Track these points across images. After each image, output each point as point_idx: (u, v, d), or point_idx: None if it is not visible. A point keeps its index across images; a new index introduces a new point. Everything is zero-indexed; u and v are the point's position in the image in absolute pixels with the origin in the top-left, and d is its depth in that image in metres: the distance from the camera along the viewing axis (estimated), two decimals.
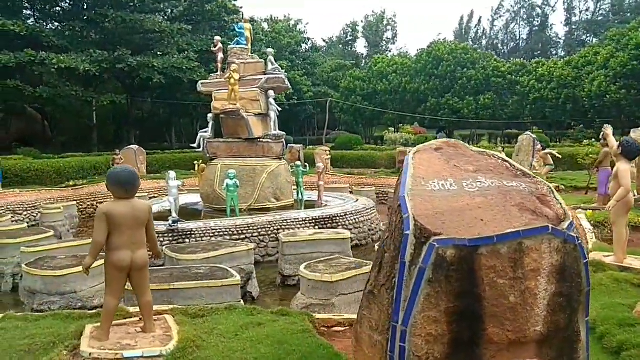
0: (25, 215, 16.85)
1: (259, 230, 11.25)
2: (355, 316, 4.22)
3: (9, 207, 16.65)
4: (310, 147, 32.20)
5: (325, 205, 14.51)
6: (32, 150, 25.26)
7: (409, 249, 1.97)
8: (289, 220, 11.66)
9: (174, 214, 12.55)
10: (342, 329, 3.99)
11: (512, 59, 50.76)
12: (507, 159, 2.57)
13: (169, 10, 35.44)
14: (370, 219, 13.29)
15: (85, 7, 33.11)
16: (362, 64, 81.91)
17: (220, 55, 14.83)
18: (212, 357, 3.21)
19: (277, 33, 57.64)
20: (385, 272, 2.09)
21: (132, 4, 31.88)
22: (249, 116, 13.74)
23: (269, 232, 11.31)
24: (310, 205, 14.93)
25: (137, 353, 3.14)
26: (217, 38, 15.31)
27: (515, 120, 41.51)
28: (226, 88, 14.05)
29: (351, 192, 18.68)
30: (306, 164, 15.56)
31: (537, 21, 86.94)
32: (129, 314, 4.00)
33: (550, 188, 2.32)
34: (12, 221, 13.81)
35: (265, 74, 14.34)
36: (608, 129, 6.20)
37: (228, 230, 10.99)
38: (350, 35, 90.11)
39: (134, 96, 35.66)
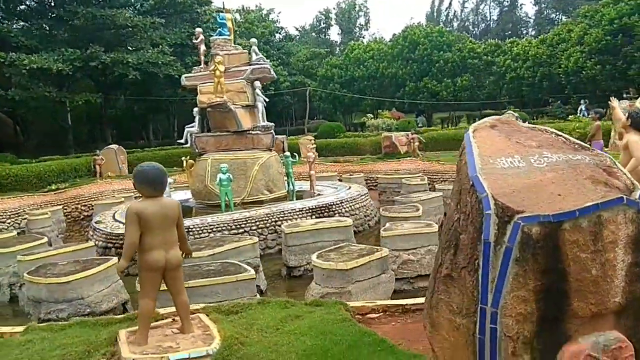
0: (9, 223, 16.37)
1: (257, 223, 11.13)
2: (384, 302, 4.20)
3: None
4: (292, 137, 32.00)
5: (319, 195, 14.45)
6: (8, 155, 24.43)
7: (492, 229, 1.93)
8: (286, 212, 11.57)
9: None
10: (376, 315, 3.96)
11: (483, 40, 51.35)
12: (559, 132, 2.54)
13: (139, 5, 34.52)
14: (365, 205, 13.29)
15: (52, 4, 32.04)
16: (337, 52, 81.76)
17: (203, 47, 14.54)
18: (259, 352, 3.13)
19: (250, 23, 56.93)
20: (464, 254, 2.05)
21: (101, 0, 30.99)
22: (236, 108, 13.54)
23: (267, 225, 11.21)
24: (302, 195, 14.86)
25: (184, 355, 3.05)
26: (198, 30, 14.99)
27: (493, 100, 42.03)
28: (211, 81, 13.79)
29: (340, 180, 18.68)
30: (295, 153, 15.40)
31: (507, 1, 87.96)
32: (160, 315, 3.88)
33: (612, 159, 2.31)
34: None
35: (250, 65, 14.11)
36: (614, 102, 6.28)
37: (226, 225, 10.85)
38: (323, 23, 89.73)
39: (107, 94, 34.78)
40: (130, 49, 30.57)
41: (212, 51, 13.98)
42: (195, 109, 14.43)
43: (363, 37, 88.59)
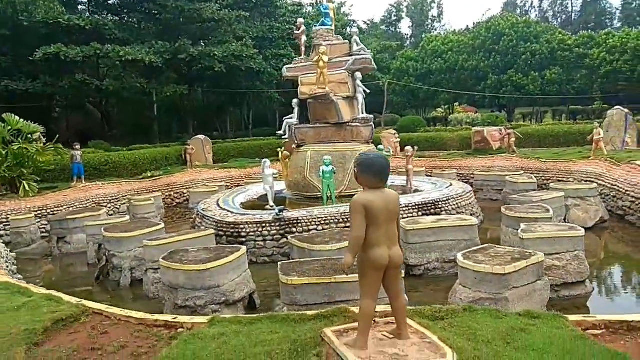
0: (109, 207, 17.07)
1: None
2: (605, 317, 3.65)
3: (93, 199, 16.99)
4: None
5: (417, 191, 13.94)
6: (103, 143, 25.77)
7: None
8: None
9: (271, 202, 12.37)
10: (599, 332, 3.44)
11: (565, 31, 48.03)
12: None
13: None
14: (470, 203, 12.61)
15: None
16: (407, 45, 79.99)
17: (304, 38, 14.39)
18: None
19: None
20: None
21: None
22: (337, 100, 13.27)
23: None
24: (398, 191, 14.37)
25: None
26: (300, 20, 14.85)
27: (583, 95, 39.22)
28: (312, 72, 13.63)
29: (428, 176, 18.01)
30: (389, 147, 14.95)
31: None
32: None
33: None
34: (108, 214, 13.99)
35: (352, 55, 13.78)
36: None
37: (333, 218, 10.61)
38: (394, 16, 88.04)
39: (190, 86, 35.89)
40: (215, 42, 31.21)
41: (314, 42, 13.78)
42: (295, 100, 14.31)
43: (435, 30, 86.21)
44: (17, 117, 16.25)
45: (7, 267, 9.27)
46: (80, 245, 12.32)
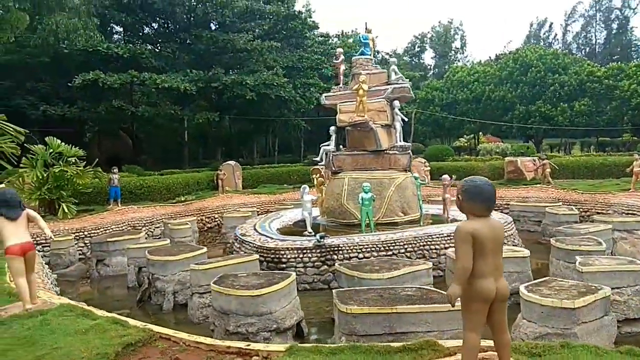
0: (144, 230, 17.19)
1: (405, 246, 10.64)
2: None
3: (129, 222, 17.15)
4: None
5: (454, 220, 13.71)
6: (136, 167, 26.22)
7: None
8: (433, 236, 10.98)
9: (309, 229, 12.29)
10: None
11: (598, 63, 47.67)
12: None
13: (256, 30, 36.16)
14: (512, 234, 12.34)
15: (177, 28, 34.49)
16: (429, 75, 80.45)
17: (342, 67, 14.55)
18: None
19: (349, 47, 57.89)
20: None
21: (221, 25, 32.83)
22: (376, 127, 13.29)
23: (415, 249, 10.69)
24: (435, 220, 14.19)
25: None
26: (339, 50, 15.07)
27: (613, 127, 38.57)
28: (351, 100, 13.74)
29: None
30: (424, 176, 14.82)
31: (616, 25, 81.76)
32: (446, 349, 3.45)
33: None
34: (145, 237, 14.08)
35: (390, 84, 13.87)
36: None
37: (375, 246, 10.48)
38: (417, 47, 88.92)
39: (220, 114, 36.57)
40: (246, 70, 31.89)
41: (353, 70, 13.94)
42: (332, 128, 14.40)
43: (458, 61, 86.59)
44: (58, 141, 16.68)
45: (51, 288, 9.33)
46: (118, 268, 12.41)
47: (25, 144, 10.79)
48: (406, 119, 14.00)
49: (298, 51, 39.66)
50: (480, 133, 48.56)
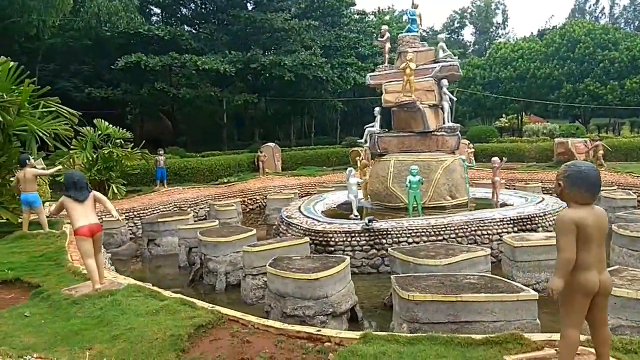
0: (189, 211, 17.49)
1: (456, 231, 10.39)
2: None
3: (175, 203, 17.49)
4: None
5: (504, 204, 13.32)
6: (179, 149, 26.67)
7: None
8: (486, 221, 10.67)
9: (355, 212, 12.18)
10: None
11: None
12: None
13: (293, 8, 35.78)
14: None
15: (215, 9, 34.52)
16: (469, 52, 77.97)
17: (388, 45, 14.17)
18: None
19: (386, 25, 56.70)
20: None
21: (257, 4, 32.64)
22: (424, 108, 12.94)
23: (467, 234, 10.42)
24: (483, 204, 13.79)
25: None
26: (385, 27, 14.70)
27: None
28: (396, 79, 13.41)
29: (507, 188, 17.20)
30: (471, 158, 14.37)
31: None
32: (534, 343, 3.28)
33: None
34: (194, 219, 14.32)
35: (438, 62, 13.43)
36: None
37: (424, 230, 10.28)
38: (457, 22, 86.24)
39: (258, 95, 36.66)
40: (284, 51, 31.68)
41: (399, 49, 13.55)
42: (377, 109, 14.11)
43: (499, 37, 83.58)
44: (106, 123, 17.06)
45: (109, 267, 9.61)
46: (168, 248, 12.69)
47: (73, 127, 11.02)
48: (455, 99, 13.57)
49: (334, 30, 39.07)
50: (524, 113, 46.98)
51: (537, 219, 11.00)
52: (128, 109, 35.74)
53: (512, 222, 10.79)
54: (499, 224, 10.69)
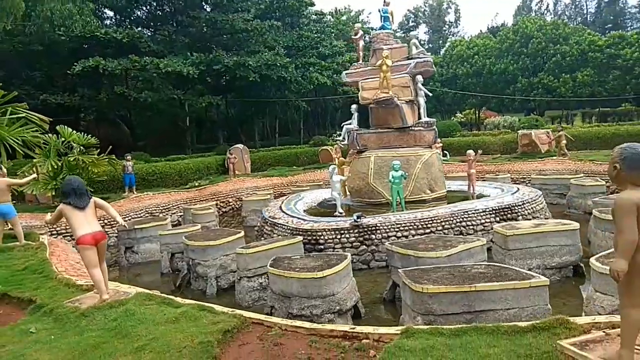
0: (165, 216, 16.96)
1: (442, 223, 10.51)
2: None
3: (146, 209, 16.93)
4: None
5: (480, 195, 13.62)
6: (143, 154, 25.82)
7: None
8: (469, 212, 10.86)
9: (339, 209, 12.14)
10: None
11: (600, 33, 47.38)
12: None
13: (252, 9, 35.39)
14: (543, 208, 12.23)
15: (173, 10, 33.67)
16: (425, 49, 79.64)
17: (362, 43, 14.22)
18: None
19: (343, 25, 57.19)
20: None
21: (219, 5, 32.05)
22: (401, 104, 13.05)
23: (452, 225, 10.56)
24: (459, 196, 14.05)
25: None
26: (357, 25, 14.73)
27: (616, 97, 38.53)
28: (373, 77, 13.48)
29: (480, 179, 17.63)
30: (445, 152, 14.64)
31: None
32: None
33: None
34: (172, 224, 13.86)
35: (412, 59, 13.58)
36: None
37: (412, 224, 10.35)
38: (412, 22, 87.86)
39: (221, 97, 36.01)
40: (247, 52, 31.27)
41: (374, 46, 13.61)
42: (354, 106, 14.13)
43: (452, 35, 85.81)
44: (69, 129, 16.29)
45: None
46: (147, 255, 12.27)
47: (43, 133, 10.46)
48: (430, 94, 13.75)
49: (295, 30, 38.95)
50: (485, 108, 48.38)
51: (516, 208, 11.29)
52: (82, 114, 34.29)
53: (493, 212, 11.03)
54: (482, 214, 10.90)
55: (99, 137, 34.39)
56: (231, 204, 20.26)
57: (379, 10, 13.68)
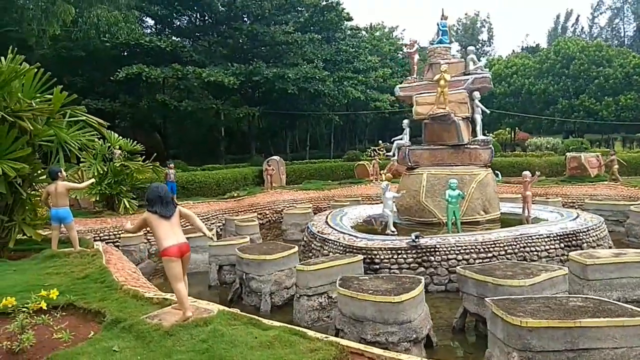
0: (211, 227, 16.85)
1: (505, 248, 9.98)
2: None
3: None
4: None
5: (536, 219, 13.01)
6: (180, 162, 25.90)
7: None
8: (533, 237, 10.29)
9: (391, 227, 11.73)
10: None
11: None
12: None
13: (290, 22, 35.55)
14: (606, 235, 11.56)
15: (213, 22, 34.08)
16: None
17: (417, 57, 13.90)
18: None
19: (377, 40, 57.24)
20: None
21: (260, 17, 32.25)
22: (458, 120, 12.63)
23: (515, 250, 10.02)
24: (512, 220, 13.44)
25: None
26: (413, 39, 14.46)
27: None
28: (427, 91, 13.12)
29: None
30: (497, 172, 14.05)
31: None
32: None
33: None
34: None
35: (471, 74, 13.17)
36: None
37: (474, 247, 9.85)
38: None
39: (258, 108, 36.14)
40: (287, 64, 31.30)
41: (431, 60, 13.28)
42: (405, 121, 13.78)
43: (486, 54, 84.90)
44: (116, 135, 16.37)
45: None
46: (192, 266, 11.96)
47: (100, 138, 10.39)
48: (487, 111, 13.29)
49: (331, 44, 38.95)
50: (517, 128, 47.33)
51: (581, 234, 10.68)
52: (117, 121, 34.78)
53: (558, 238, 10.45)
54: (546, 240, 10.33)
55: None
56: (268, 216, 20.02)
57: (437, 24, 13.36)
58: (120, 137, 16.37)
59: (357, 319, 6.25)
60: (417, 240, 9.76)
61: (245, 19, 34.34)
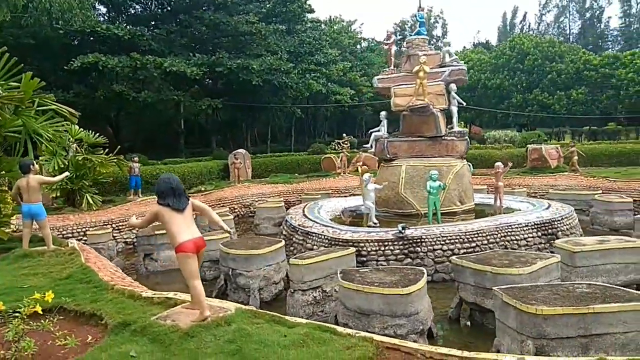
0: None
1: (488, 237, 10.14)
2: None
3: None
4: None
5: (508, 209, 13.32)
6: (141, 156, 24.82)
7: None
8: (513, 226, 10.53)
9: (373, 219, 11.68)
10: None
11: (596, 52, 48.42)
12: None
13: (251, 12, 34.82)
14: (577, 224, 11.99)
15: (171, 10, 32.87)
16: None
17: (394, 49, 13.87)
18: None
19: (337, 33, 57.21)
20: None
21: (222, 6, 31.36)
22: (437, 112, 12.71)
23: (497, 240, 10.20)
24: (485, 210, 13.74)
25: None
26: (390, 30, 14.43)
27: (608, 116, 39.27)
28: (405, 83, 13.13)
29: (490, 193, 17.43)
30: (469, 163, 14.28)
31: (590, 14, 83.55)
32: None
33: None
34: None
35: (447, 66, 13.28)
36: None
37: (458, 237, 9.94)
38: (399, 35, 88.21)
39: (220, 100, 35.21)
40: (250, 55, 30.62)
41: (409, 51, 13.27)
42: (383, 113, 13.73)
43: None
44: (77, 127, 15.42)
45: None
46: (167, 263, 11.54)
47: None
48: (464, 103, 13.47)
49: (294, 36, 38.52)
50: (477, 123, 48.59)
51: (556, 223, 11.01)
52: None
53: (535, 227, 10.72)
54: (524, 229, 10.58)
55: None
56: (237, 210, 19.55)
57: (415, 16, 13.38)
58: (81, 129, 15.44)
59: (363, 313, 6.11)
60: (403, 231, 9.73)
61: (206, 7, 33.36)
